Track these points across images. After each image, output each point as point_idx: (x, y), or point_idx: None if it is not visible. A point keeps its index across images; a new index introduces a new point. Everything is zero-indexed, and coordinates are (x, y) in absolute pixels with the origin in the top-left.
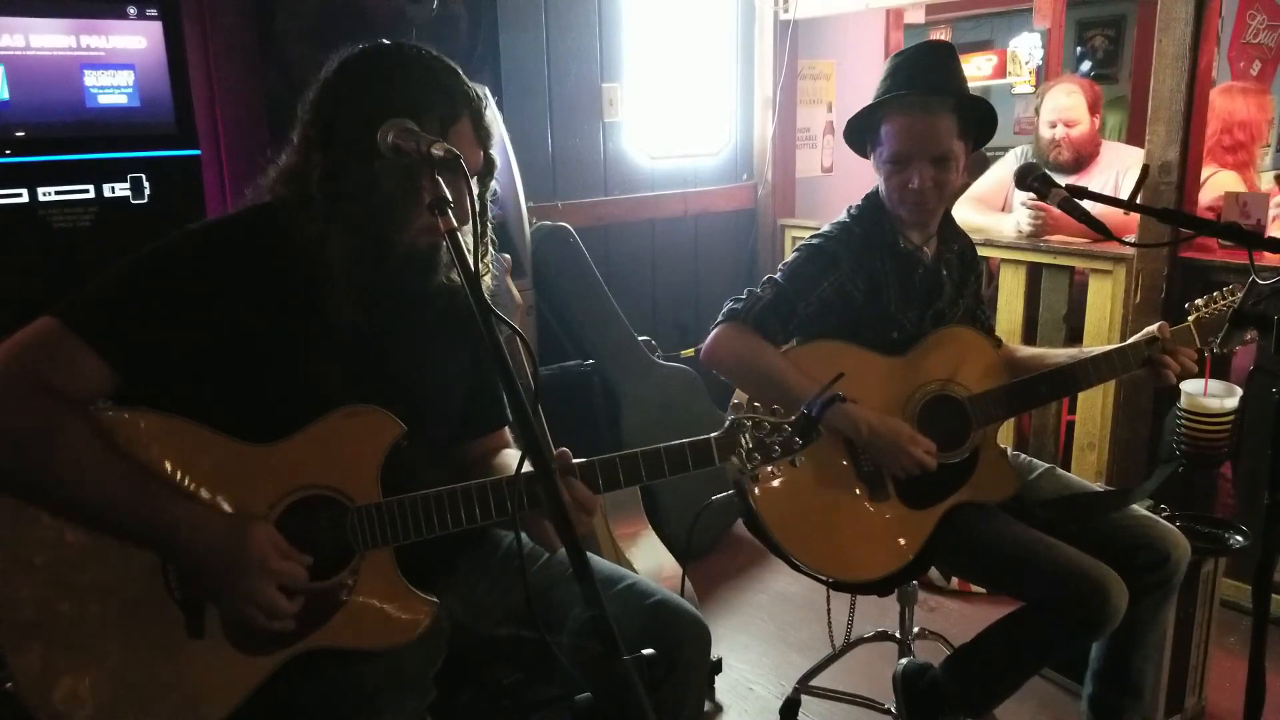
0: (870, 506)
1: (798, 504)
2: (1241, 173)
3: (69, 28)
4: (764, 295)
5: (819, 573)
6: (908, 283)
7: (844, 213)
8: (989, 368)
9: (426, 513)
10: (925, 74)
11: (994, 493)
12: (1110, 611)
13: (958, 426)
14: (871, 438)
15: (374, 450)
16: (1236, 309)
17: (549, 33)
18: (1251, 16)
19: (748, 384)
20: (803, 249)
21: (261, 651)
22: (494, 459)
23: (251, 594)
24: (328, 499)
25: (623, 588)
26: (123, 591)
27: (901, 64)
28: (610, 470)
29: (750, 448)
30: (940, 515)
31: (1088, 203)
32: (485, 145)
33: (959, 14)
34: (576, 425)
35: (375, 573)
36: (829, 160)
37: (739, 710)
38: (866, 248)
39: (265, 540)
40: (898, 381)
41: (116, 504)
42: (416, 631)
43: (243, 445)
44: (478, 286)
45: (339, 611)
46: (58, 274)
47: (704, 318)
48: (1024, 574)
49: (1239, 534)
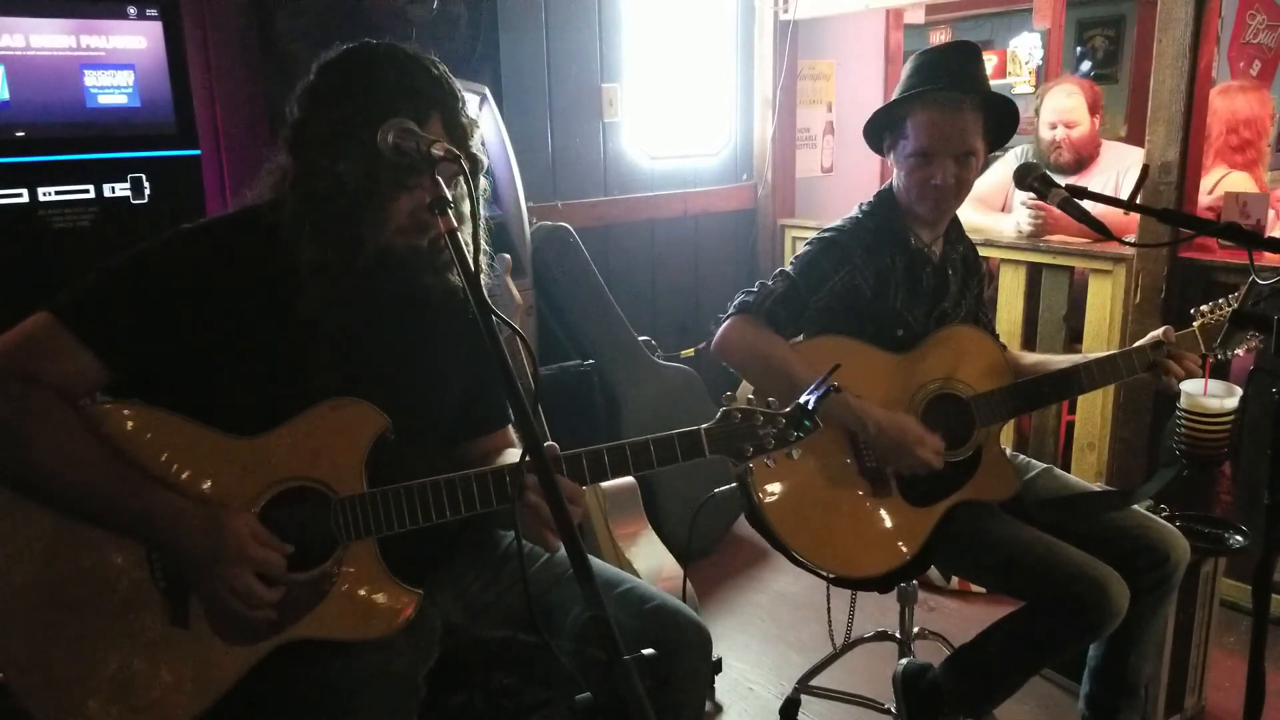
0: (872, 503)
1: (800, 499)
2: (1251, 171)
3: (69, 28)
4: (776, 288)
5: (819, 568)
6: (915, 280)
7: (855, 208)
8: (993, 367)
9: (410, 504)
10: (953, 72)
11: (995, 492)
12: (1111, 611)
13: (961, 425)
14: (879, 434)
15: (358, 442)
16: (1236, 309)
17: (549, 33)
18: (1251, 16)
19: (758, 377)
20: (815, 242)
21: (245, 641)
22: (496, 458)
23: (230, 580)
24: (312, 490)
25: (622, 591)
26: (108, 581)
27: (929, 61)
28: (596, 461)
29: (744, 440)
30: (941, 513)
31: (1088, 203)
32: (460, 145)
33: (959, 14)
34: (576, 425)
35: (359, 564)
36: (829, 160)
37: (739, 710)
38: (878, 243)
39: (243, 528)
40: (902, 378)
41: (94, 492)
42: (400, 621)
43: (228, 438)
44: (478, 286)
45: (322, 602)
46: (58, 274)
47: (704, 318)
48: (1024, 573)
49: (1239, 534)
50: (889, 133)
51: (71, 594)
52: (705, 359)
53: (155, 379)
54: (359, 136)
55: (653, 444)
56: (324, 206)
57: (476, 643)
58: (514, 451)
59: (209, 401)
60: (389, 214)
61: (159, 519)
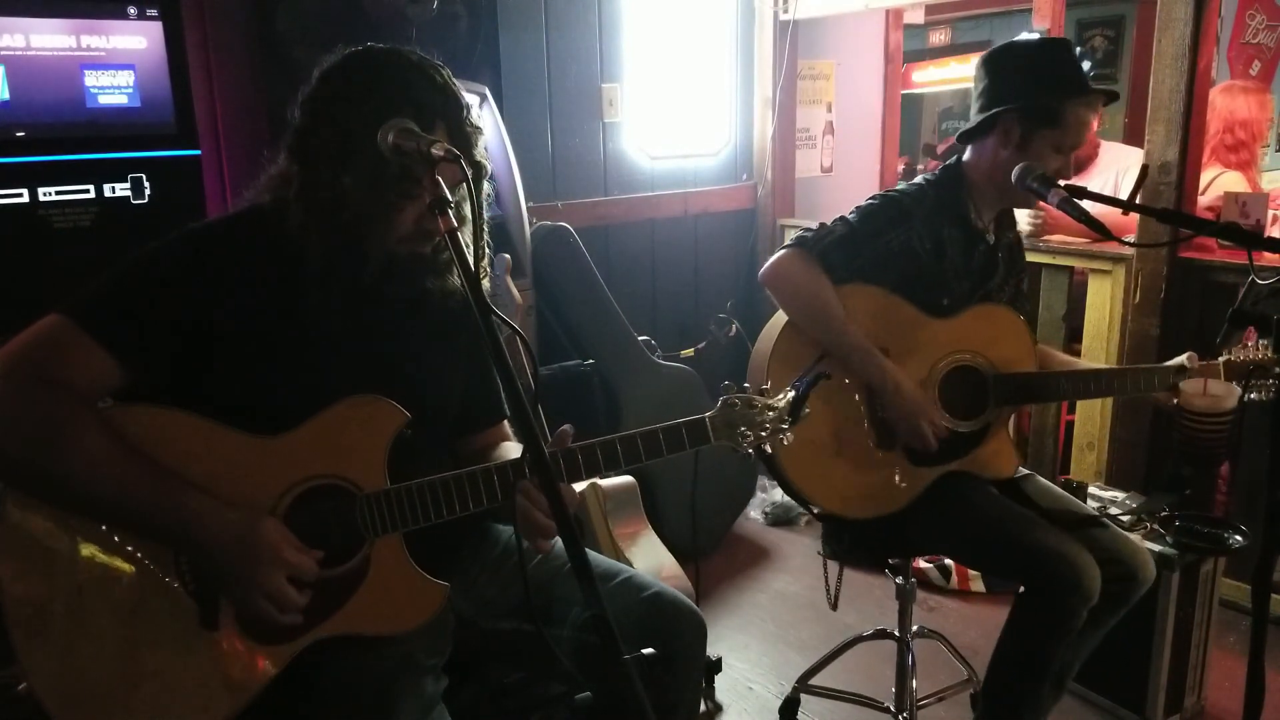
0: (875, 452)
1: (806, 432)
2: (1244, 172)
3: (69, 28)
4: (835, 230)
5: (811, 500)
6: (969, 255)
7: (919, 177)
8: (1021, 353)
9: (434, 498)
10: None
11: (993, 470)
12: (1084, 591)
13: (976, 399)
14: (896, 396)
15: (379, 438)
16: (1236, 308)
17: (549, 33)
18: (1251, 16)
19: (799, 313)
20: (878, 197)
21: (276, 641)
22: (493, 452)
23: (264, 585)
24: (336, 488)
25: (619, 582)
26: (136, 585)
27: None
28: (609, 451)
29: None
30: (936, 476)
31: (1087, 202)
32: (465, 152)
33: (959, 14)
34: (576, 425)
35: (386, 559)
36: (829, 160)
37: (739, 710)
38: (939, 212)
39: (275, 532)
40: (932, 342)
41: (130, 497)
42: (430, 614)
43: (249, 437)
44: (478, 286)
45: (351, 599)
46: (58, 274)
47: (704, 318)
48: (1001, 546)
49: (1238, 534)
50: (1025, 114)
51: (99, 600)
52: (705, 359)
53: (168, 380)
54: (363, 148)
55: (661, 432)
56: (330, 217)
57: (485, 636)
58: (510, 445)
59: (223, 401)
60: (394, 223)
61: (194, 523)
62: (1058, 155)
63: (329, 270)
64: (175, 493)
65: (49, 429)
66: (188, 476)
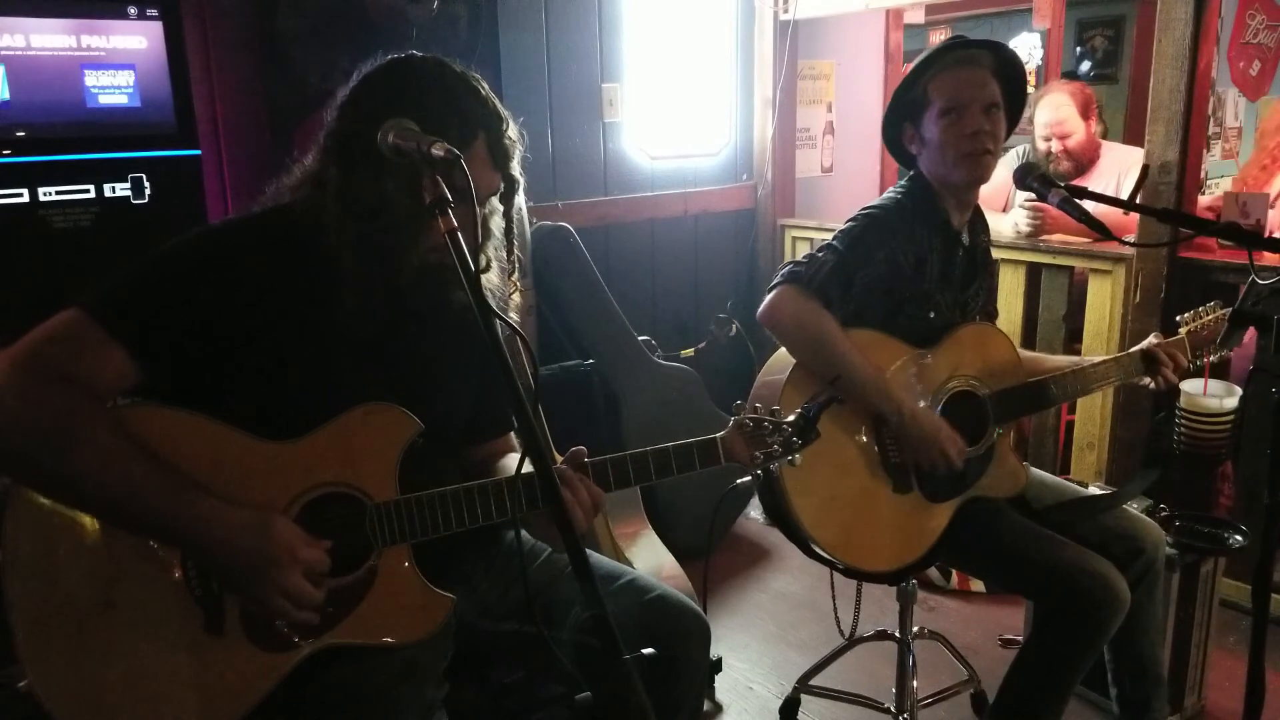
0: (892, 499)
1: (824, 490)
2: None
3: (69, 28)
4: (826, 261)
5: (837, 559)
6: (949, 262)
7: (889, 190)
8: (1007, 366)
9: (444, 510)
10: (962, 44)
11: (1005, 489)
12: (1117, 602)
13: (977, 422)
14: (910, 424)
15: (391, 448)
16: (1236, 308)
17: (549, 33)
18: (1251, 17)
19: (804, 350)
20: (860, 218)
21: (281, 648)
22: (498, 462)
23: (281, 584)
24: (346, 496)
25: (622, 584)
26: (142, 589)
27: (937, 46)
28: (621, 469)
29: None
30: (955, 508)
31: (1087, 202)
32: (503, 167)
33: (959, 14)
34: (576, 425)
35: (393, 569)
36: (829, 160)
37: (739, 709)
38: (917, 221)
39: (289, 530)
40: (928, 374)
41: (141, 497)
42: (436, 626)
43: (261, 441)
44: (478, 285)
45: (358, 608)
46: (58, 274)
47: (703, 318)
48: (1031, 570)
49: (1238, 534)
50: (909, 121)
51: (104, 602)
52: (705, 359)
53: (183, 380)
54: None
55: (672, 452)
56: (369, 221)
57: (486, 638)
58: (515, 456)
59: (237, 402)
60: (429, 231)
61: (205, 524)
62: (953, 118)
63: (360, 275)
64: (187, 493)
65: (61, 426)
66: (197, 479)
